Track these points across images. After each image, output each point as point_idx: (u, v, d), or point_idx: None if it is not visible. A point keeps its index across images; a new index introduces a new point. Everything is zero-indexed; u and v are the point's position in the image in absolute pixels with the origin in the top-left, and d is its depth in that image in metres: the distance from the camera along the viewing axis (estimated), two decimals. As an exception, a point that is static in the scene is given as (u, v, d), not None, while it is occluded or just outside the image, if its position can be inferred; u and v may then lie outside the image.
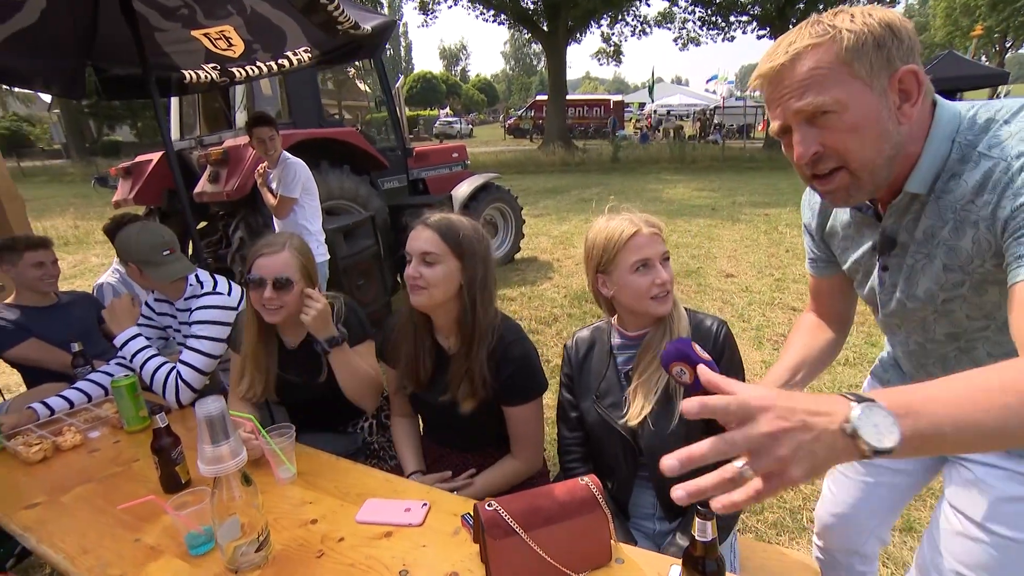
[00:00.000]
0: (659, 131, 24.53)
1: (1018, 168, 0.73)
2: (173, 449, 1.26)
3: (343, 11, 2.08)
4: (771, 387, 1.02)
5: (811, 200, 1.12)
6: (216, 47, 2.71)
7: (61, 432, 1.55)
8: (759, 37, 20.62)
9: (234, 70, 2.87)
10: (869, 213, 0.95)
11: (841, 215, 1.05)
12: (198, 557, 1.06)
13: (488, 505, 0.92)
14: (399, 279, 4.99)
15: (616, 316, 1.31)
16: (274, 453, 1.27)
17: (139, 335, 1.76)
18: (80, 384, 1.80)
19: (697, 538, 0.79)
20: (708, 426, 1.17)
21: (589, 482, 0.97)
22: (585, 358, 1.32)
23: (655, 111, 26.70)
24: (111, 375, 1.80)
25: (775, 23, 18.93)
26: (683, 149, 16.54)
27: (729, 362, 1.19)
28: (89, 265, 7.26)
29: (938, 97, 0.82)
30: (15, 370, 2.39)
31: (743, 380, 1.16)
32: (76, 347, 1.84)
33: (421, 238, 1.31)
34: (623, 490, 1.29)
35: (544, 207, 10.08)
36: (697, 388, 1.00)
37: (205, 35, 2.63)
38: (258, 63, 2.83)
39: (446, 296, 1.31)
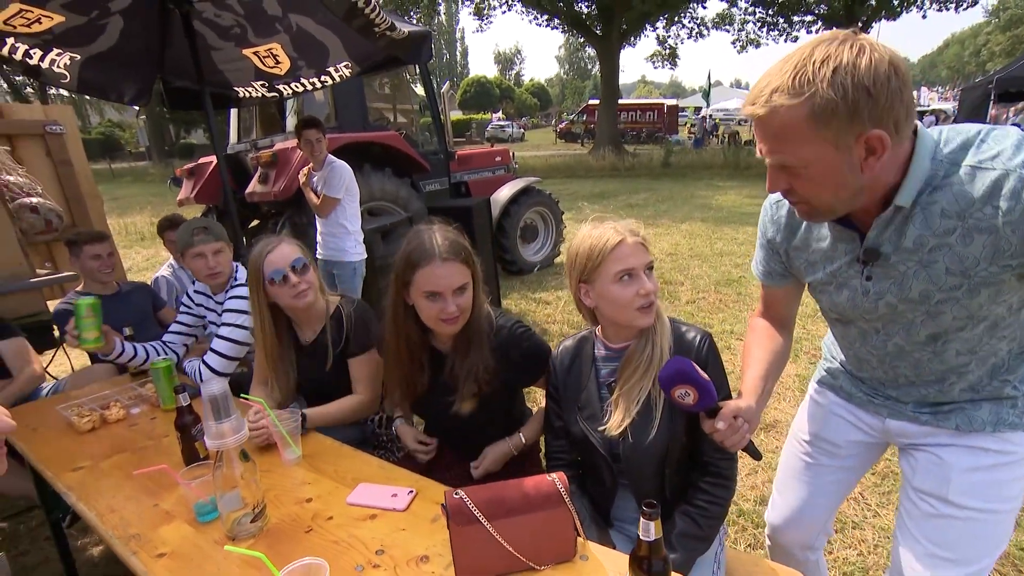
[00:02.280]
0: (715, 135, 23.80)
1: None
2: (193, 426, 1.39)
3: (380, 13, 2.21)
4: (751, 398, 1.09)
5: (775, 215, 1.16)
6: (264, 65, 2.92)
7: (108, 407, 1.74)
8: (825, 38, 19.62)
9: (280, 87, 3.09)
10: (850, 228, 1.00)
11: (816, 230, 1.08)
12: (204, 524, 1.17)
13: (455, 493, 0.98)
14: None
15: (599, 327, 1.31)
16: (281, 435, 1.37)
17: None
18: (137, 344, 2.03)
19: (641, 538, 0.80)
20: (691, 434, 1.18)
21: (556, 479, 1.00)
22: (569, 369, 1.32)
23: (710, 115, 25.92)
24: (158, 353, 2.02)
25: (843, 23, 18.00)
26: (738, 155, 15.98)
27: (712, 374, 1.17)
28: (160, 259, 7.89)
29: (917, 123, 0.89)
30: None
31: (727, 391, 1.19)
32: (127, 331, 2.04)
33: (447, 273, 1.28)
34: (606, 497, 1.29)
35: (590, 212, 10.00)
36: (699, 407, 1.02)
37: (255, 53, 2.85)
38: (302, 79, 3.03)
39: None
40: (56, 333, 2.99)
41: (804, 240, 1.11)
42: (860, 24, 18.11)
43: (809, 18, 19.75)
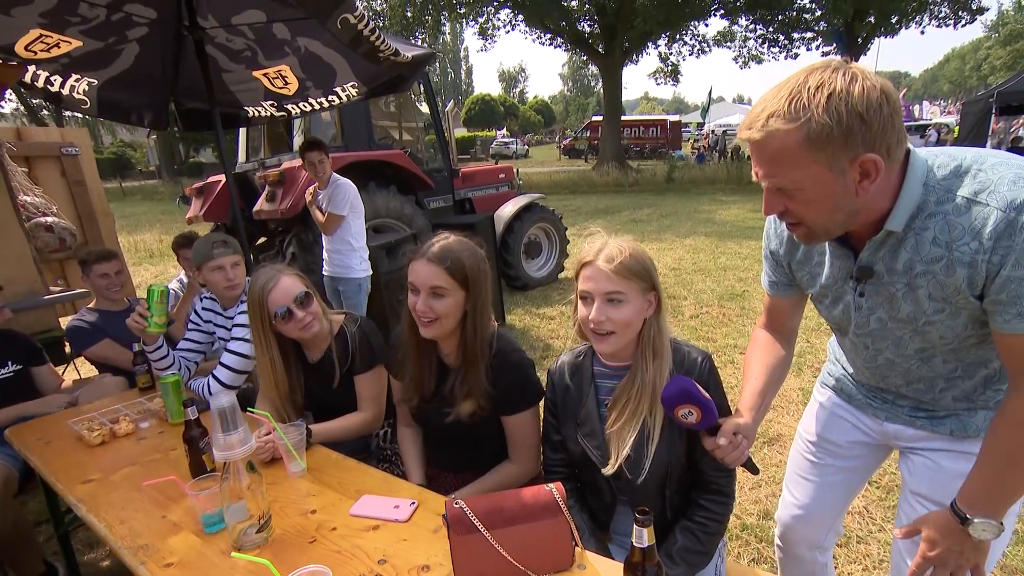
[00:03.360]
0: (716, 151, 23.94)
1: (1021, 225, 0.81)
2: (201, 439, 1.42)
3: (384, 40, 2.30)
4: (748, 414, 1.11)
5: (779, 229, 1.18)
6: (273, 85, 3.02)
7: (118, 421, 1.77)
8: (824, 54, 19.88)
9: (289, 106, 3.19)
10: (846, 246, 1.03)
11: (816, 244, 1.10)
12: (211, 535, 1.20)
13: (455, 503, 1.00)
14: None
15: None
16: (286, 448, 1.40)
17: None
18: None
19: (635, 544, 0.83)
20: (690, 454, 1.19)
21: (553, 489, 1.02)
22: (568, 384, 1.32)
23: (713, 131, 26.12)
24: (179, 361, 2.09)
25: (842, 39, 18.21)
26: (740, 169, 16.06)
27: (713, 394, 1.14)
28: (169, 275, 8.00)
29: (910, 147, 0.91)
30: (93, 367, 2.73)
31: (727, 409, 1.20)
32: (136, 347, 2.09)
33: (426, 273, 1.33)
34: (606, 511, 1.31)
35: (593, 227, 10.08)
36: (702, 426, 1.05)
37: (264, 75, 2.95)
38: (310, 99, 3.12)
39: (454, 324, 1.38)
40: (67, 349, 3.04)
41: (806, 254, 1.14)
42: (860, 40, 18.31)
43: (809, 35, 20.02)
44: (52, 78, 2.58)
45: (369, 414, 1.72)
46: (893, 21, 18.10)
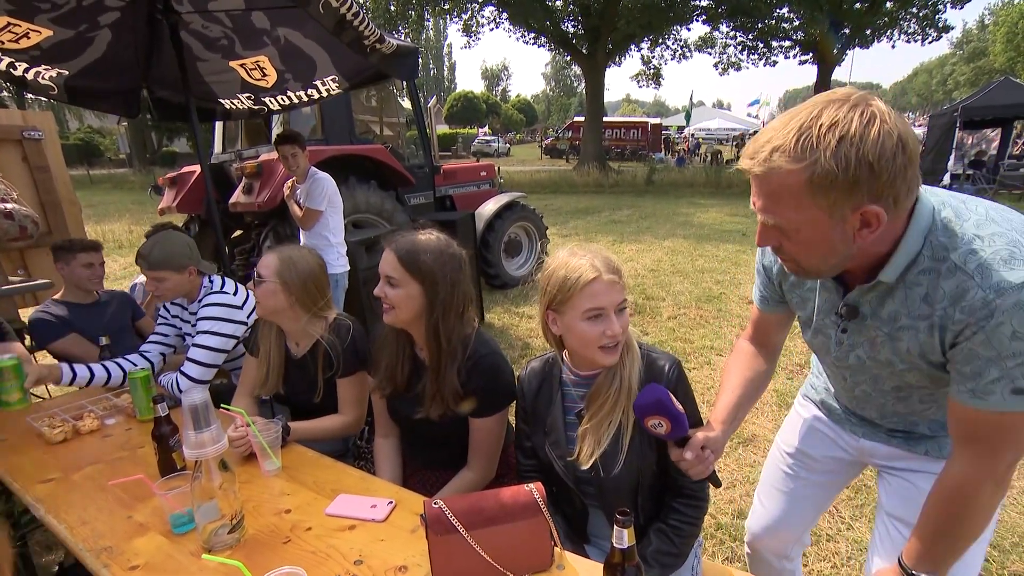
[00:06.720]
0: (697, 154, 24.33)
1: (999, 309, 0.78)
2: (171, 437, 1.38)
3: (369, 25, 2.22)
4: (718, 427, 1.12)
5: None
6: (251, 77, 2.93)
7: (81, 417, 1.71)
8: (801, 63, 20.35)
9: (267, 100, 3.10)
10: (836, 281, 1.01)
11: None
12: (179, 536, 1.16)
13: (434, 503, 0.99)
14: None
15: (566, 351, 1.29)
16: (260, 446, 1.37)
17: None
18: (108, 363, 1.95)
19: (615, 545, 0.83)
20: (662, 460, 1.20)
21: (533, 489, 1.02)
22: (537, 392, 1.31)
23: (692, 134, 26.52)
24: (135, 364, 1.97)
25: (819, 49, 18.71)
26: (719, 173, 16.34)
27: (683, 400, 1.15)
28: (136, 268, 7.74)
29: (921, 194, 0.85)
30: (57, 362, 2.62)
31: (696, 415, 1.20)
32: (104, 341, 2.02)
33: (385, 260, 1.37)
34: (579, 517, 1.30)
35: (573, 227, 10.15)
36: (670, 437, 1.06)
37: (241, 65, 2.86)
38: (289, 92, 3.05)
39: (410, 316, 1.37)
40: (28, 342, 2.92)
41: (798, 279, 1.11)
42: (836, 51, 18.80)
43: (787, 43, 20.46)
44: (17, 63, 2.47)
45: (350, 418, 1.69)
46: (867, 34, 18.69)
